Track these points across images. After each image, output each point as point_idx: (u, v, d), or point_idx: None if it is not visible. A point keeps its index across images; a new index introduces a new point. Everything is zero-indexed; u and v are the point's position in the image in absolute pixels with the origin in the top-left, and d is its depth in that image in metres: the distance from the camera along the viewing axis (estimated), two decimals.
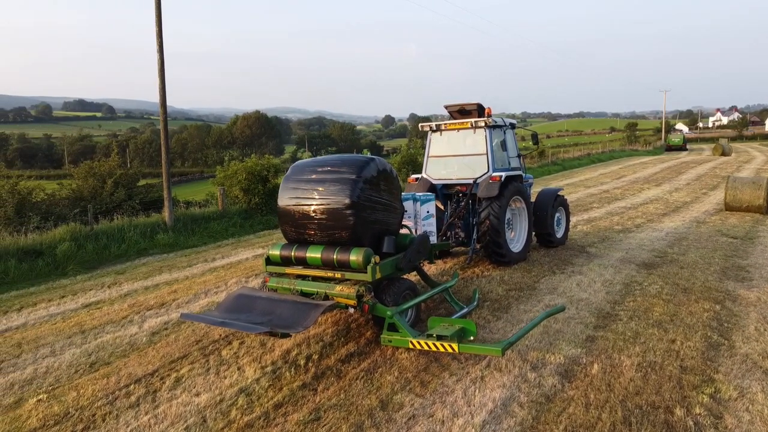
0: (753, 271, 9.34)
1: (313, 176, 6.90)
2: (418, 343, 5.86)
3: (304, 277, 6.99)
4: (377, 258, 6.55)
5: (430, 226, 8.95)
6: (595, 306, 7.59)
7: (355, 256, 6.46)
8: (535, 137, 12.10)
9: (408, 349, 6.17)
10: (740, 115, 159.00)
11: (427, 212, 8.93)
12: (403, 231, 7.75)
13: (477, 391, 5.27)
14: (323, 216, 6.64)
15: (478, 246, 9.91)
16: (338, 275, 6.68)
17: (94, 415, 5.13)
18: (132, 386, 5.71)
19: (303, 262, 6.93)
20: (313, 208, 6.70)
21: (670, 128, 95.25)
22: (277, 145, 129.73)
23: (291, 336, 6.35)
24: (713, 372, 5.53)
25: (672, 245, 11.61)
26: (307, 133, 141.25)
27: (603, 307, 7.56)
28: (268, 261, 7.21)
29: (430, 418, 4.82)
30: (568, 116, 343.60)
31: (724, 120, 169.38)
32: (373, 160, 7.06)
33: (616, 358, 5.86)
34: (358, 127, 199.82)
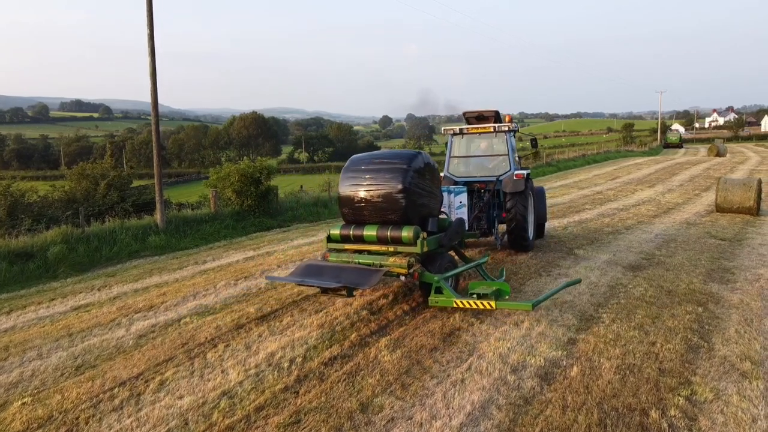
0: (738, 273, 9.42)
1: (370, 167, 8.10)
2: (461, 302, 7.02)
3: (360, 252, 8.07)
4: (425, 234, 7.76)
5: (462, 214, 10.23)
6: (578, 308, 7.66)
7: (406, 233, 7.62)
8: (534, 142, 13.42)
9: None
10: (736, 116, 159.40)
11: (460, 202, 10.29)
12: (442, 216, 8.92)
13: (457, 393, 5.33)
14: (379, 199, 7.82)
15: (501, 235, 11.51)
16: (391, 249, 7.81)
17: (77, 419, 5.17)
18: (116, 389, 5.75)
19: (360, 240, 8.05)
20: (370, 193, 7.88)
21: (666, 128, 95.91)
22: (274, 146, 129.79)
23: (354, 295, 7.65)
24: (691, 374, 5.60)
25: (660, 247, 11.69)
26: (304, 133, 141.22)
27: (586, 309, 7.63)
28: (329, 239, 8.35)
29: (409, 421, 4.88)
30: (566, 117, 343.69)
31: (721, 120, 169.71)
32: (420, 153, 8.32)
33: (596, 361, 5.93)
34: (356, 128, 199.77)
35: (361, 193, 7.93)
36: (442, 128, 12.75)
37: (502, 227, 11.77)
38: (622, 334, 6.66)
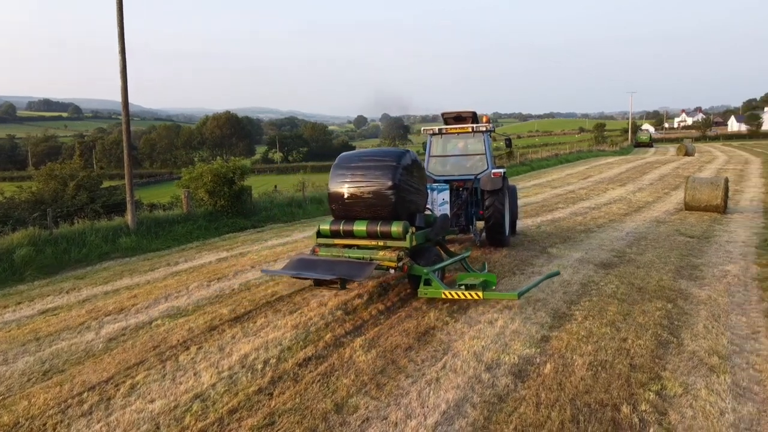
0: (706, 270, 9.61)
1: (360, 164, 8.39)
2: (450, 293, 7.25)
3: (349, 247, 8.32)
4: (413, 229, 8.15)
5: (445, 210, 10.72)
6: (551, 306, 7.73)
7: (395, 227, 7.98)
8: (508, 141, 13.80)
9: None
10: (704, 116, 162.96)
11: (443, 200, 10.78)
12: (426, 212, 9.43)
13: (431, 392, 5.33)
14: (369, 196, 8.11)
15: (479, 230, 11.85)
16: (380, 243, 8.09)
17: (44, 425, 5.04)
18: (85, 394, 5.63)
19: (350, 235, 8.35)
20: (360, 189, 8.15)
21: (637, 128, 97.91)
22: (248, 146, 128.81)
23: (347, 287, 8.07)
24: (661, 369, 5.68)
25: (631, 245, 11.87)
26: (278, 133, 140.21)
27: (559, 307, 7.70)
28: (319, 234, 8.62)
29: (384, 421, 4.86)
30: (539, 117, 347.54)
31: (689, 120, 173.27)
32: (408, 152, 8.71)
33: (569, 358, 5.99)
34: (331, 128, 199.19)
35: (352, 190, 8.22)
36: (422, 128, 13.11)
37: (480, 224, 12.10)
38: (594, 331, 6.73)
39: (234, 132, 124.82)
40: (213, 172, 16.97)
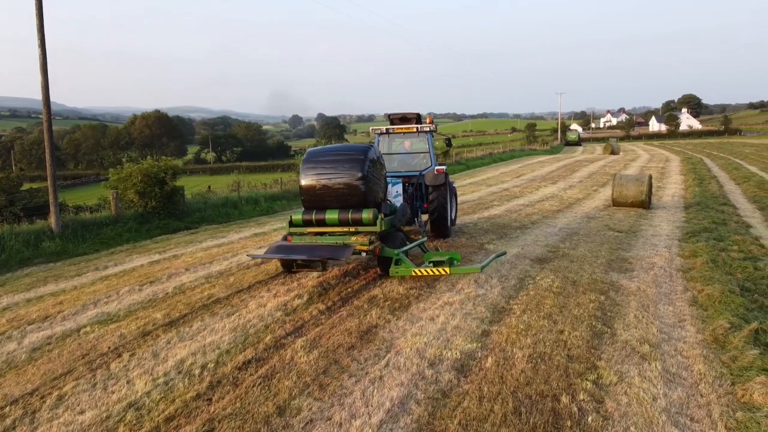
0: (635, 263, 10.01)
1: (330, 158, 9.08)
2: (419, 270, 8.21)
3: (321, 234, 9.01)
4: (382, 215, 8.94)
5: (399, 202, 11.28)
6: (490, 301, 7.85)
7: (366, 215, 8.75)
8: (448, 141, 14.90)
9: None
10: (628, 117, 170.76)
11: (397, 192, 11.45)
12: (387, 202, 10.14)
13: (375, 391, 5.29)
14: (340, 186, 8.85)
15: (424, 223, 12.63)
16: (351, 230, 8.85)
17: None
18: (7, 408, 5.26)
19: (322, 223, 9.02)
20: (332, 181, 8.88)
21: (565, 128, 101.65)
22: (180, 146, 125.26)
23: (326, 269, 9.07)
24: (596, 359, 5.86)
25: (564, 240, 12.23)
26: (211, 133, 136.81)
27: (498, 302, 7.83)
28: (291, 224, 9.22)
29: (328, 422, 4.78)
30: (473, 117, 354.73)
31: (614, 121, 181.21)
32: (372, 147, 9.49)
33: (509, 351, 6.08)
34: (265, 127, 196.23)
35: (323, 181, 8.90)
36: (370, 128, 13.89)
37: (425, 216, 12.83)
38: (532, 324, 6.88)
39: (164, 131, 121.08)
40: (143, 172, 16.31)
